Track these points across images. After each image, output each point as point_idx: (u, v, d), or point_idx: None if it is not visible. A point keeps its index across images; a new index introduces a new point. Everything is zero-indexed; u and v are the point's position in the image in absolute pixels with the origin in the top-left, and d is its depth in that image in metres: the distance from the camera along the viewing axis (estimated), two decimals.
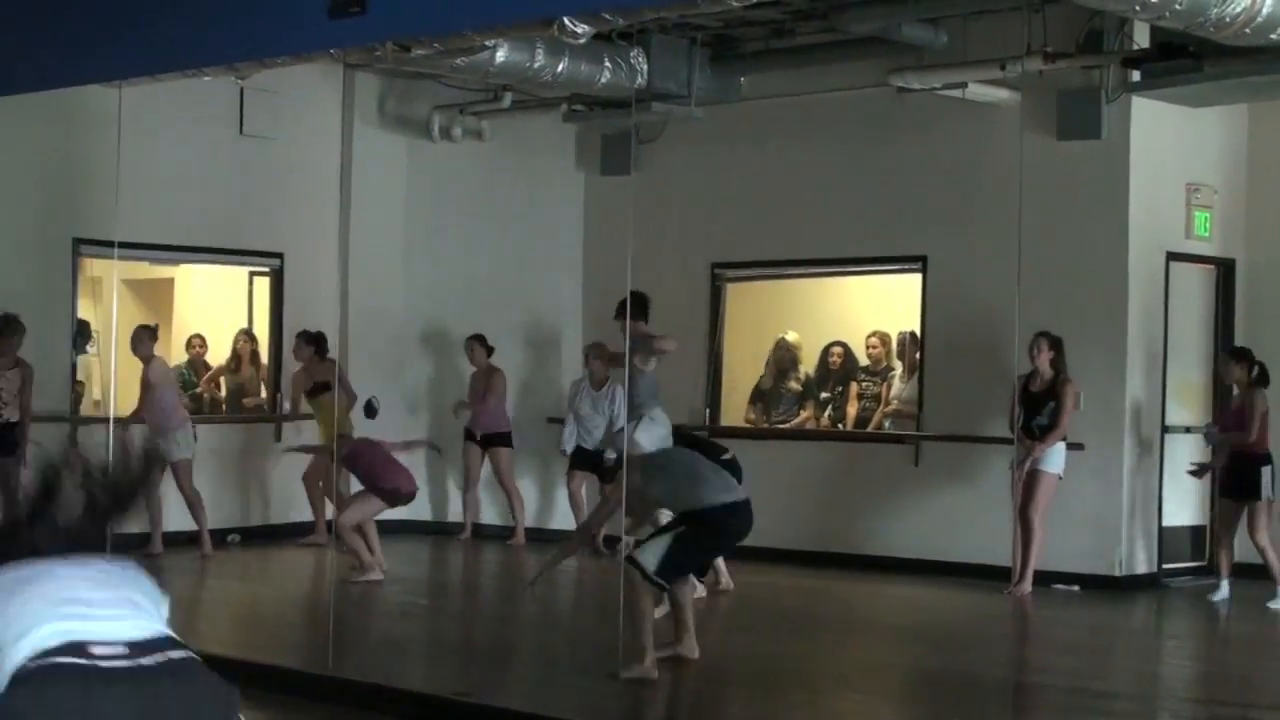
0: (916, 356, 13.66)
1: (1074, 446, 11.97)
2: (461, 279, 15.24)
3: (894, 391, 14.17)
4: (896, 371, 14.28)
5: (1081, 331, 12.14)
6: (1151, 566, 12.54)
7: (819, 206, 13.83)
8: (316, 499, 13.78)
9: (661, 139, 14.48)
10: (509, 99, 14.39)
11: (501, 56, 11.79)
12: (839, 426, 14.42)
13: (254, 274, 15.33)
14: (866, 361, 14.47)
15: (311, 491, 13.80)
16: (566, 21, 8.05)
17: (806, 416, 14.64)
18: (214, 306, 16.18)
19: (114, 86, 10.64)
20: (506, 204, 15.35)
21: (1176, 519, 12.80)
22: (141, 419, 12.85)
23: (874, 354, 14.40)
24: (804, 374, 14.70)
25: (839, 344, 14.63)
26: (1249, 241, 13.10)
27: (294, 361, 14.02)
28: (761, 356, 14.78)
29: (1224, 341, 12.98)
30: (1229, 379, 11.99)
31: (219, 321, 15.85)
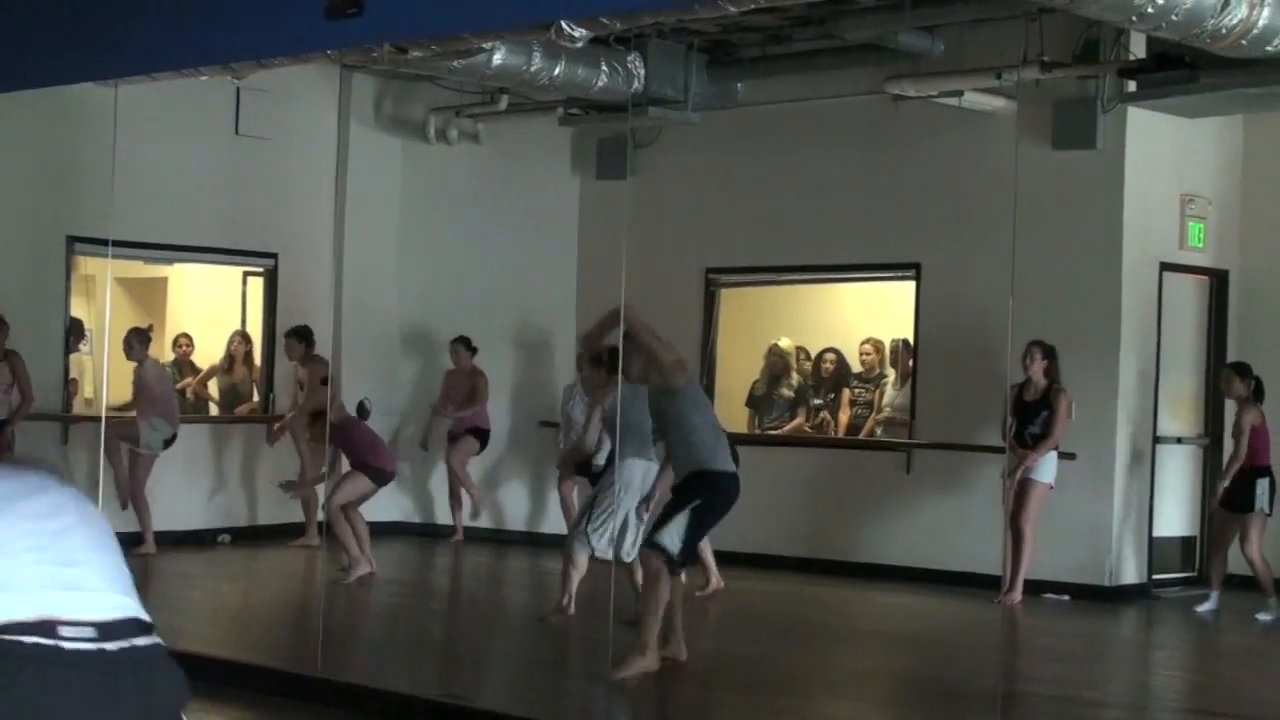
0: (909, 364, 13.66)
1: (1065, 456, 11.97)
2: (456, 281, 15.24)
3: (886, 399, 14.17)
4: (889, 379, 14.29)
5: (1074, 341, 12.15)
6: (1142, 577, 12.55)
7: (814, 213, 13.83)
8: (309, 499, 13.73)
9: (657, 144, 14.49)
10: (505, 102, 14.39)
11: (498, 59, 11.79)
12: (831, 433, 14.44)
13: (248, 274, 15.31)
14: (859, 368, 14.48)
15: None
16: (564, 25, 8.05)
17: (799, 423, 14.66)
18: (208, 306, 16.16)
19: (110, 85, 10.63)
20: (502, 207, 15.34)
21: (1167, 529, 12.82)
22: (132, 414, 12.88)
23: (867, 361, 14.41)
24: (796, 380, 14.71)
25: (831, 350, 14.65)
26: (1243, 253, 13.12)
27: (286, 361, 14.01)
28: (755, 362, 14.79)
29: (1217, 353, 13.00)
30: (1231, 394, 11.95)
31: (212, 321, 15.83)
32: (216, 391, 15.33)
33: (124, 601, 2.61)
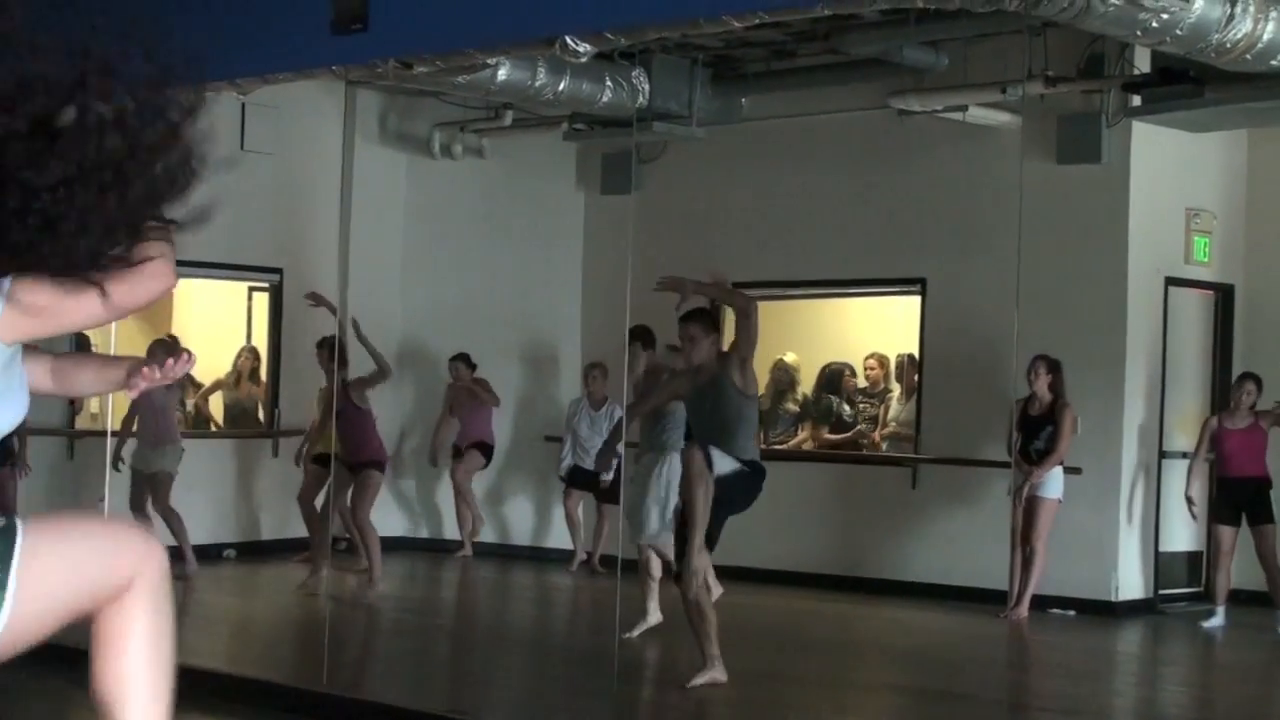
0: (914, 379, 13.65)
1: (1071, 471, 11.95)
2: (460, 296, 15.25)
3: (891, 414, 14.16)
4: (894, 394, 14.27)
5: (1080, 356, 12.14)
6: (1148, 592, 12.53)
7: (818, 228, 13.83)
8: (314, 520, 13.42)
9: (662, 159, 14.49)
10: (510, 117, 14.40)
11: (503, 75, 11.80)
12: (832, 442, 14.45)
13: (253, 289, 15.33)
14: (864, 383, 14.47)
15: (307, 510, 13.42)
16: (568, 41, 8.07)
17: (804, 437, 14.65)
18: (213, 321, 16.15)
19: None
20: (506, 222, 15.35)
21: (1173, 544, 12.79)
22: (132, 432, 12.82)
23: (872, 375, 14.40)
24: (801, 394, 14.70)
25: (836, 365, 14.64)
26: (1248, 267, 13.11)
27: (294, 374, 14.01)
28: (760, 377, 14.75)
29: (1223, 367, 12.99)
30: (1246, 404, 11.86)
31: (217, 336, 15.82)
32: (222, 406, 15.32)
33: None
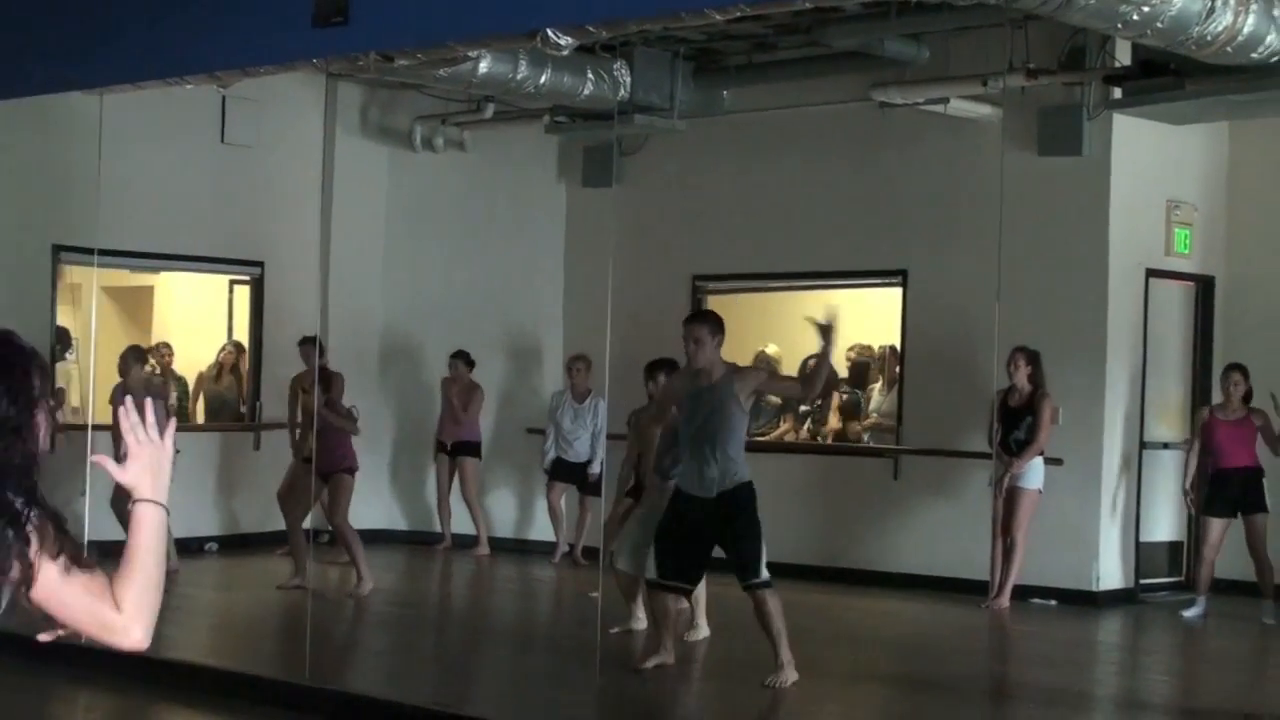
0: (896, 370, 13.67)
1: (1052, 461, 11.99)
2: (442, 289, 15.24)
3: (873, 405, 14.18)
4: (876, 385, 14.29)
5: (1061, 347, 12.16)
6: (1129, 582, 12.56)
7: (800, 220, 13.84)
8: (295, 522, 13.21)
9: (644, 151, 14.49)
10: (491, 110, 14.40)
11: (484, 67, 11.79)
12: (818, 439, 14.45)
13: (234, 282, 15.31)
14: (846, 375, 14.49)
15: (285, 507, 13.22)
16: (549, 33, 8.06)
17: (786, 429, 14.67)
18: (194, 314, 16.14)
19: (96, 94, 10.63)
20: (488, 215, 15.34)
21: (1154, 534, 12.84)
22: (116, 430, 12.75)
23: (855, 365, 14.41)
24: None
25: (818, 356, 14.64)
26: (1228, 259, 13.14)
27: (276, 367, 13.96)
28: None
29: (1203, 359, 13.03)
30: (1237, 396, 11.88)
31: (198, 330, 15.81)
32: (203, 400, 15.29)
33: None
